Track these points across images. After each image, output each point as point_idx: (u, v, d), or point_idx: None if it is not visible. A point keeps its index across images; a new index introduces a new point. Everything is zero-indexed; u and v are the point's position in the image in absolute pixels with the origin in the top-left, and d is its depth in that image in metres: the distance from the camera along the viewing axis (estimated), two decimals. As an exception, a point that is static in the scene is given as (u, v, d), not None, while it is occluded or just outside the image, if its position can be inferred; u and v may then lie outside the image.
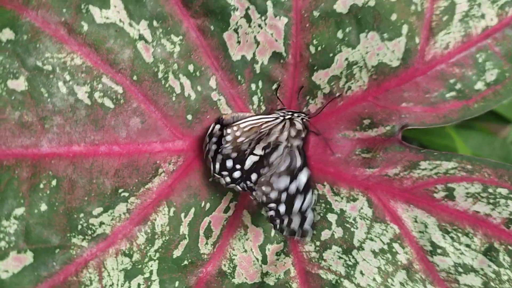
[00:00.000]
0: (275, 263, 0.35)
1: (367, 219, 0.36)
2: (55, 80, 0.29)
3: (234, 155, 0.35)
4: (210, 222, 0.34)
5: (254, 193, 0.35)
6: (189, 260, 0.33)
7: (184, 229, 0.33)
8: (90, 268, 0.30)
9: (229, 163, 0.35)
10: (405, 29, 0.35)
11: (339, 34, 0.35)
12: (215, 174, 0.35)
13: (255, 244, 0.35)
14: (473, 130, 0.60)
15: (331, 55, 0.36)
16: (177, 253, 0.33)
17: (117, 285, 0.31)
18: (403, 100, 0.36)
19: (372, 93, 0.37)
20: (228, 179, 0.35)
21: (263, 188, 0.35)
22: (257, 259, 0.35)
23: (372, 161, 0.37)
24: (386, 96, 0.37)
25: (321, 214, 0.36)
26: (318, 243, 0.35)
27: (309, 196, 0.34)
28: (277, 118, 0.36)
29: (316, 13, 0.35)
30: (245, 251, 0.35)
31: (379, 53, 0.36)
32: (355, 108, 0.37)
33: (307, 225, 0.33)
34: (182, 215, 0.33)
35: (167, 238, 0.32)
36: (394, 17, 0.35)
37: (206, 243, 0.34)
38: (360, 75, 0.36)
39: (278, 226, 0.34)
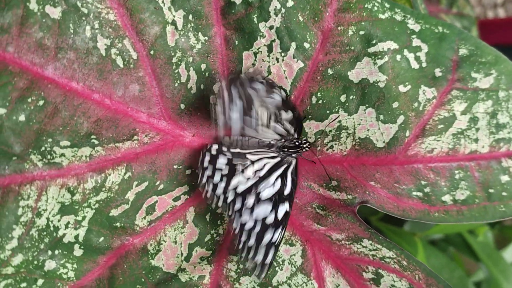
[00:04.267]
0: (195, 265, 0.36)
1: (294, 266, 0.37)
2: (85, 23, 0.32)
3: (225, 170, 0.35)
4: (156, 201, 0.36)
5: (233, 223, 0.34)
6: (122, 224, 0.35)
7: (130, 196, 0.35)
8: (34, 186, 0.32)
9: (217, 177, 0.34)
10: (401, 119, 0.38)
11: (342, 98, 0.38)
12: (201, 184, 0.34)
13: (187, 241, 0.36)
14: (440, 252, 0.61)
15: (328, 112, 0.38)
16: (114, 212, 0.34)
17: (50, 213, 0.32)
18: (373, 179, 0.38)
19: (349, 161, 0.39)
20: (211, 193, 0.34)
21: (242, 218, 0.33)
22: (182, 254, 0.36)
23: (323, 219, 0.38)
24: (360, 169, 0.39)
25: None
26: (241, 266, 0.37)
27: (279, 231, 0.34)
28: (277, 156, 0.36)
29: (330, 71, 0.37)
30: (175, 242, 0.36)
31: (369, 129, 0.38)
32: (329, 167, 0.39)
33: (267, 263, 0.33)
34: (135, 183, 0.35)
35: (112, 195, 0.34)
36: (395, 104, 0.37)
37: (144, 218, 0.35)
38: (346, 140, 0.38)
39: (244, 257, 0.34)
